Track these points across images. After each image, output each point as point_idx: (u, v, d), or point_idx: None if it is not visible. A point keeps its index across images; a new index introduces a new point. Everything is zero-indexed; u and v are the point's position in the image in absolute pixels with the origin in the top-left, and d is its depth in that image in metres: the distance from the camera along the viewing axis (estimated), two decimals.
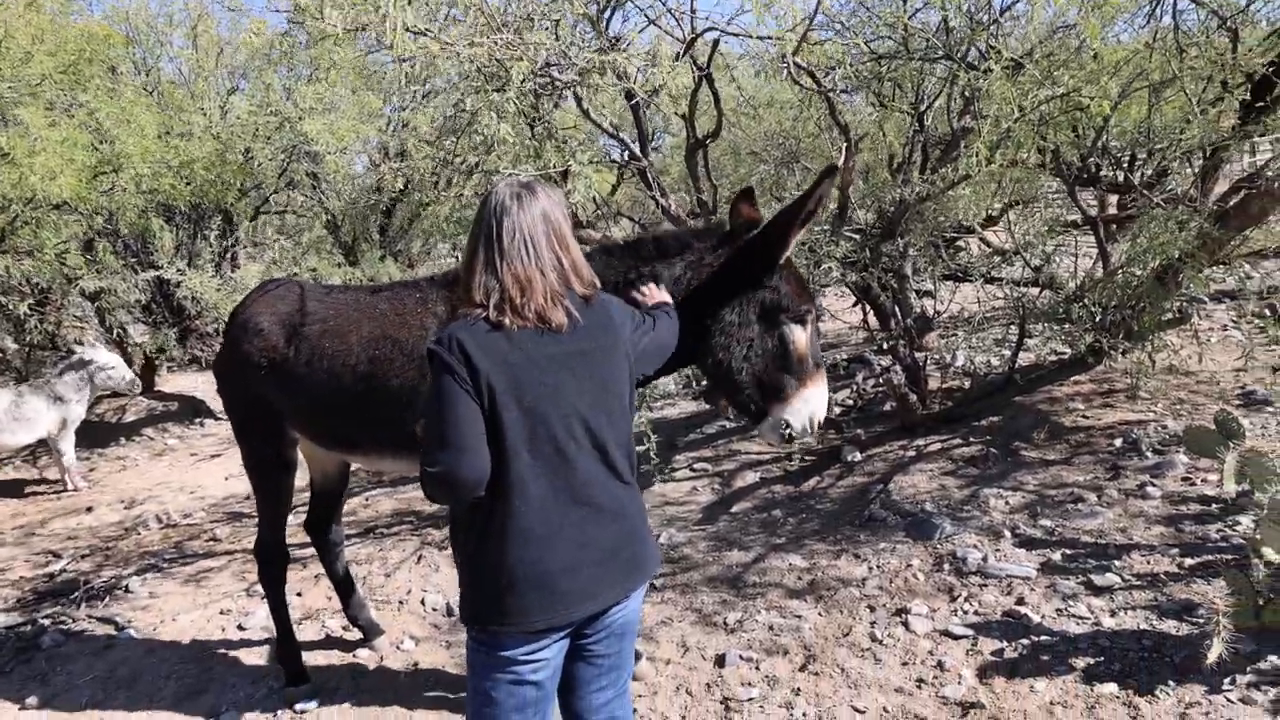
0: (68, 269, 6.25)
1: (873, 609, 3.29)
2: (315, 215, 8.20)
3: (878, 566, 3.62)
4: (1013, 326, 4.70)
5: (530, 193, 1.86)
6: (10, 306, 6.72)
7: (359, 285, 3.30)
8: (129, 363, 7.47)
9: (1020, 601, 3.16)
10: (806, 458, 5.05)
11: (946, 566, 3.51)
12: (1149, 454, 4.15)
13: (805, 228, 2.53)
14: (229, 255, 7.28)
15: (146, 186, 4.85)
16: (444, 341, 1.75)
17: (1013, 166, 4.12)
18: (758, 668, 3.03)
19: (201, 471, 6.71)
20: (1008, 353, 4.96)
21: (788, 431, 2.53)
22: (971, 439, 4.84)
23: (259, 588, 4.27)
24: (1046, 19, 4.24)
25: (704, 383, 4.89)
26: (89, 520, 6.17)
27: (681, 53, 3.78)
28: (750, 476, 4.91)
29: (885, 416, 5.38)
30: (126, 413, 8.26)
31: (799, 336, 2.49)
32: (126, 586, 4.46)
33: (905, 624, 3.13)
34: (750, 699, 2.86)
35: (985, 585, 3.31)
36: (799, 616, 3.33)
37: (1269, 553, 2.54)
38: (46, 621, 4.14)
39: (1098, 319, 4.20)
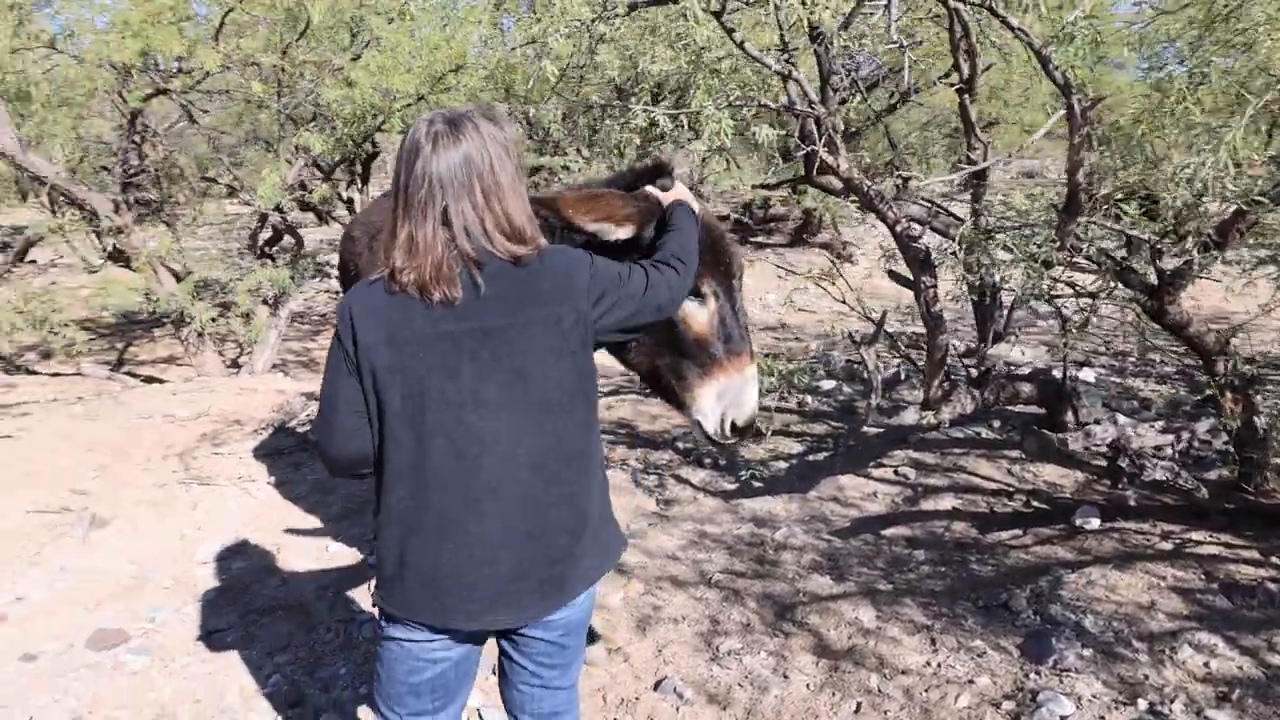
0: None
1: (858, 711, 2.63)
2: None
3: (938, 665, 2.83)
4: None
5: (454, 129, 1.52)
6: None
7: None
8: None
9: None
10: (1034, 502, 3.97)
11: (1007, 705, 2.59)
12: None
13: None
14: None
15: (475, 89, 5.61)
16: (342, 304, 1.58)
17: None
18: (678, 710, 2.69)
19: None
20: None
21: (702, 431, 2.13)
22: (1275, 558, 3.30)
23: None
24: None
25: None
26: None
27: None
28: (944, 502, 4.05)
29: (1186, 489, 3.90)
30: None
31: (693, 314, 2.03)
32: None
33: None
34: None
35: None
36: (786, 677, 2.81)
37: None
38: None
39: None
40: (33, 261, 12.59)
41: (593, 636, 2.98)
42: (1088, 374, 5.73)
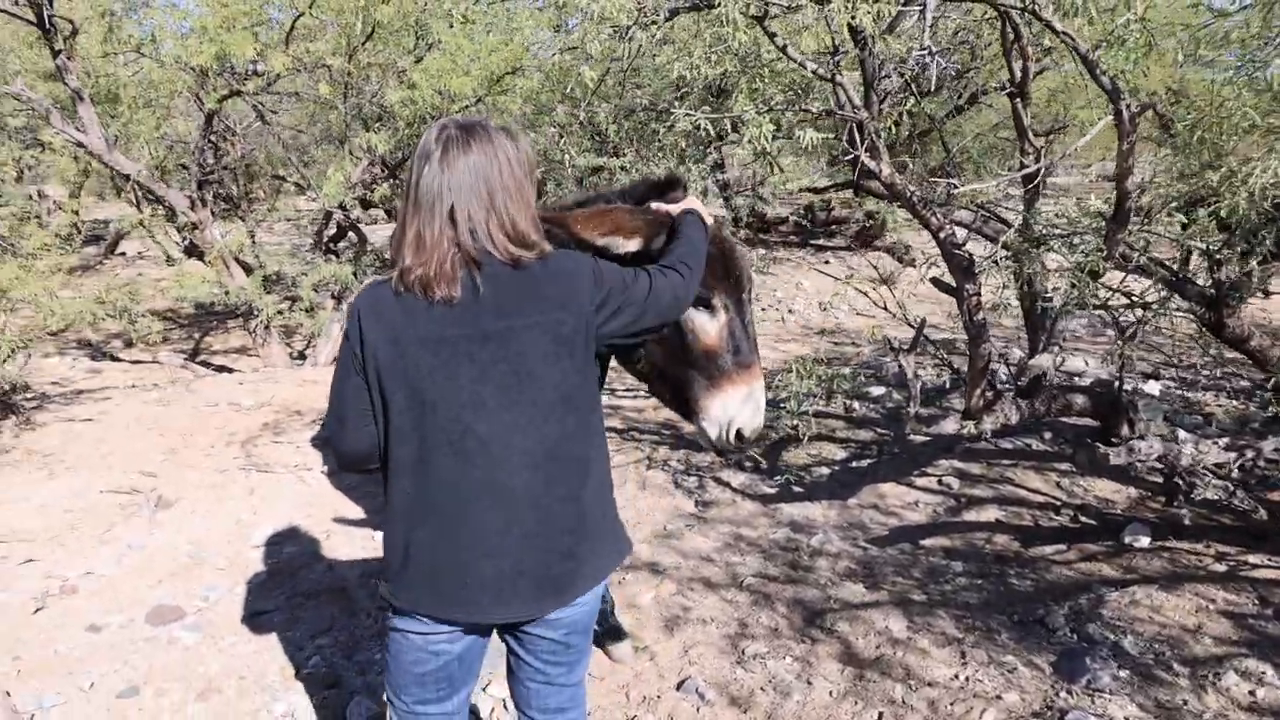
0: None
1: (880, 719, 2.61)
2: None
3: (966, 679, 2.78)
4: None
5: (465, 136, 1.58)
6: None
7: None
8: None
9: None
10: (1081, 517, 3.87)
11: None
12: None
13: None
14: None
15: (533, 90, 5.70)
16: (351, 305, 1.65)
17: None
18: (698, 710, 2.71)
19: None
20: None
21: (707, 438, 2.15)
22: None
23: None
24: None
25: None
26: None
27: None
28: (987, 513, 3.97)
29: (1243, 509, 3.74)
30: None
31: (704, 326, 2.05)
32: None
33: None
34: None
35: None
36: (809, 683, 2.81)
37: None
38: None
39: None
40: (122, 253, 13.26)
41: (620, 634, 3.02)
42: (1153, 386, 5.52)
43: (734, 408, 2.05)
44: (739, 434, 2.06)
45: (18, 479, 4.76)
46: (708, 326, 2.04)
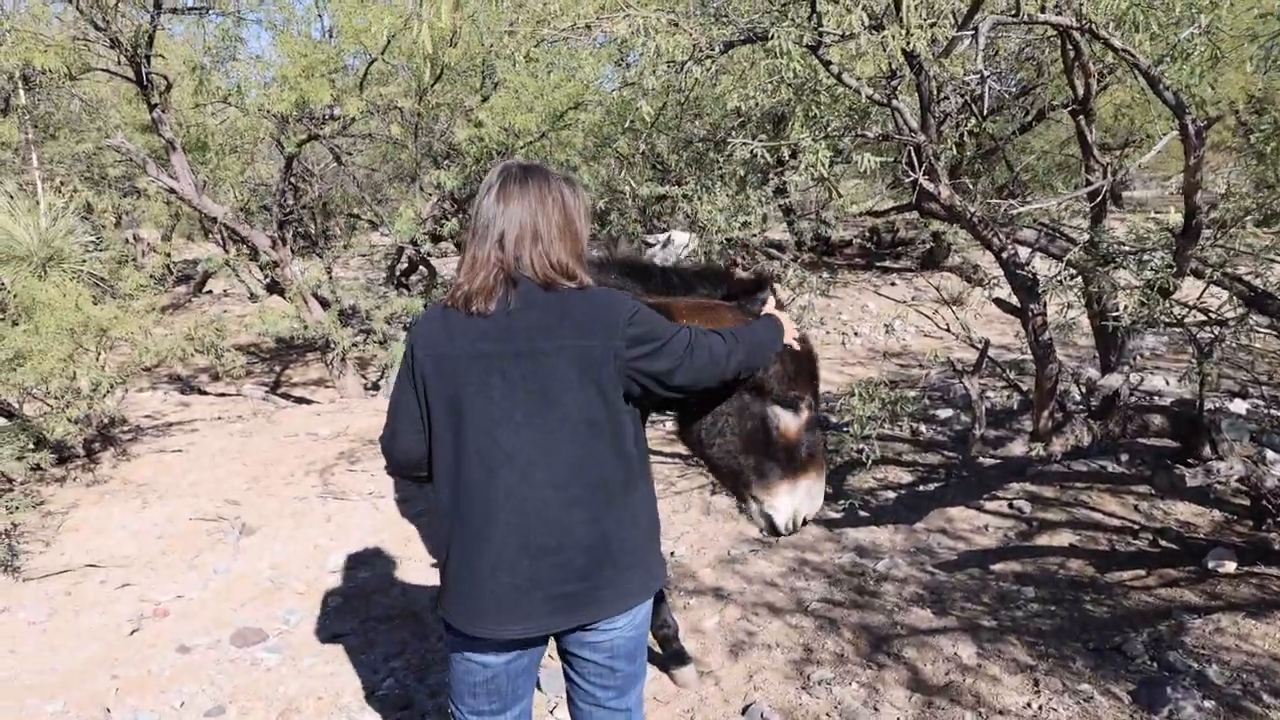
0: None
1: None
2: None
3: (1039, 708, 2.71)
4: None
5: (524, 174, 1.73)
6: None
7: None
8: None
9: None
10: (1161, 541, 3.73)
11: None
12: None
13: None
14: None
15: (596, 124, 5.84)
16: (414, 323, 1.81)
17: None
18: None
19: None
20: None
21: (772, 524, 2.33)
22: None
23: None
24: None
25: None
26: None
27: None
28: (1061, 537, 3.86)
29: None
30: None
31: (788, 423, 2.25)
32: None
33: None
34: None
35: None
36: (876, 710, 2.78)
37: None
38: None
39: None
40: (209, 291, 13.93)
41: (684, 659, 3.04)
42: (1239, 405, 5.30)
43: (801, 494, 2.26)
44: (804, 520, 2.28)
45: (115, 508, 5.04)
46: (791, 424, 2.22)
